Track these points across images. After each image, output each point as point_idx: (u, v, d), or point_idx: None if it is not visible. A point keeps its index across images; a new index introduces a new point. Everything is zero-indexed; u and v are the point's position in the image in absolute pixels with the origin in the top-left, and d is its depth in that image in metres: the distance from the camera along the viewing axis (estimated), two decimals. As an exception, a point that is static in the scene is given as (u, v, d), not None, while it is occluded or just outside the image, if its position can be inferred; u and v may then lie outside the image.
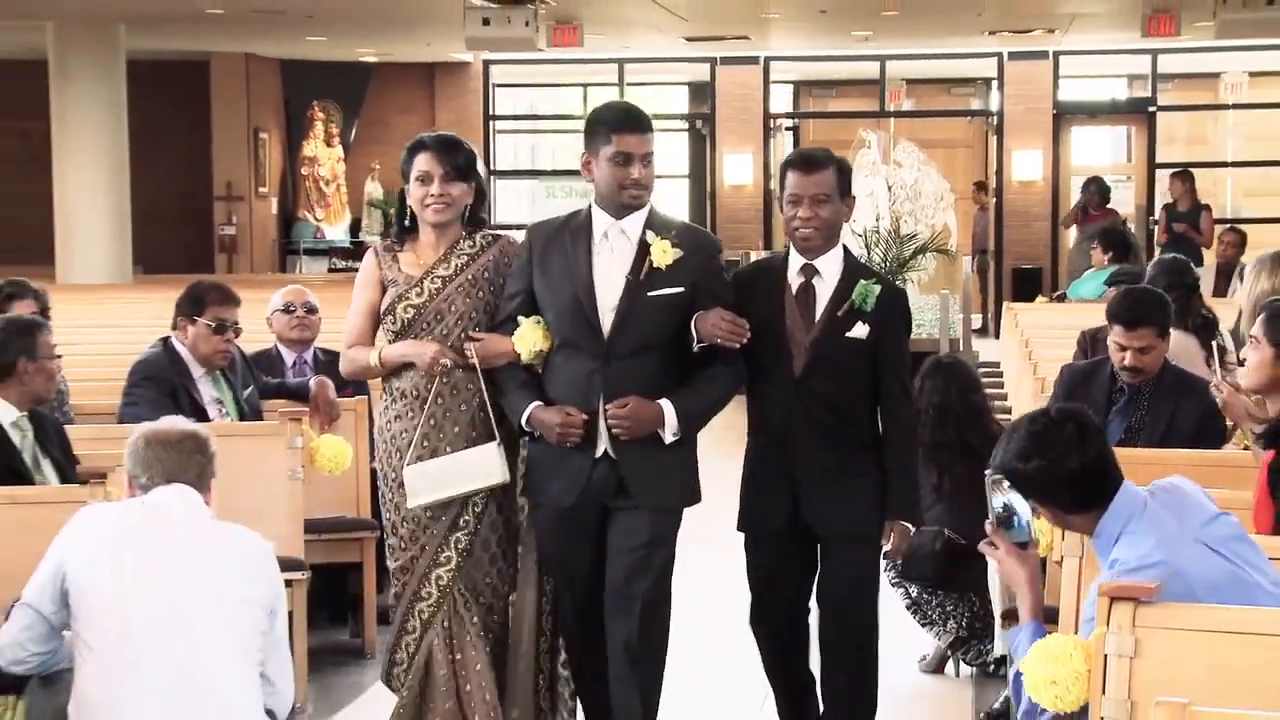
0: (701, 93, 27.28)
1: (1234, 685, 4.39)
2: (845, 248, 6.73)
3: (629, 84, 27.20)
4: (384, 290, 6.74)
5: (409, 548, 6.71)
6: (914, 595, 8.73)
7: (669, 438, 6.42)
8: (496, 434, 6.59)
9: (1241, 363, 6.56)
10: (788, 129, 26.54)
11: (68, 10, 20.36)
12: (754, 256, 22.36)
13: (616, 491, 6.46)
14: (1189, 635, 4.67)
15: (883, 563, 8.46)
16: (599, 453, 6.45)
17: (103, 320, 15.22)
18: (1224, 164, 26.26)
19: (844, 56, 26.00)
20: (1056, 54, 25.14)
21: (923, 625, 8.83)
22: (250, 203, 26.33)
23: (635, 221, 6.49)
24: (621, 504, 6.47)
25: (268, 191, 26.83)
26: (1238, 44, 21.64)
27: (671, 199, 27.50)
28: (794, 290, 6.63)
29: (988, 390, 10.67)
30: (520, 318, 6.49)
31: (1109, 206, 19.41)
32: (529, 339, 6.46)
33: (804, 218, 6.52)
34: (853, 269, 6.68)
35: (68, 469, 7.16)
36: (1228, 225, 20.28)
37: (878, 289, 6.53)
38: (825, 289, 6.60)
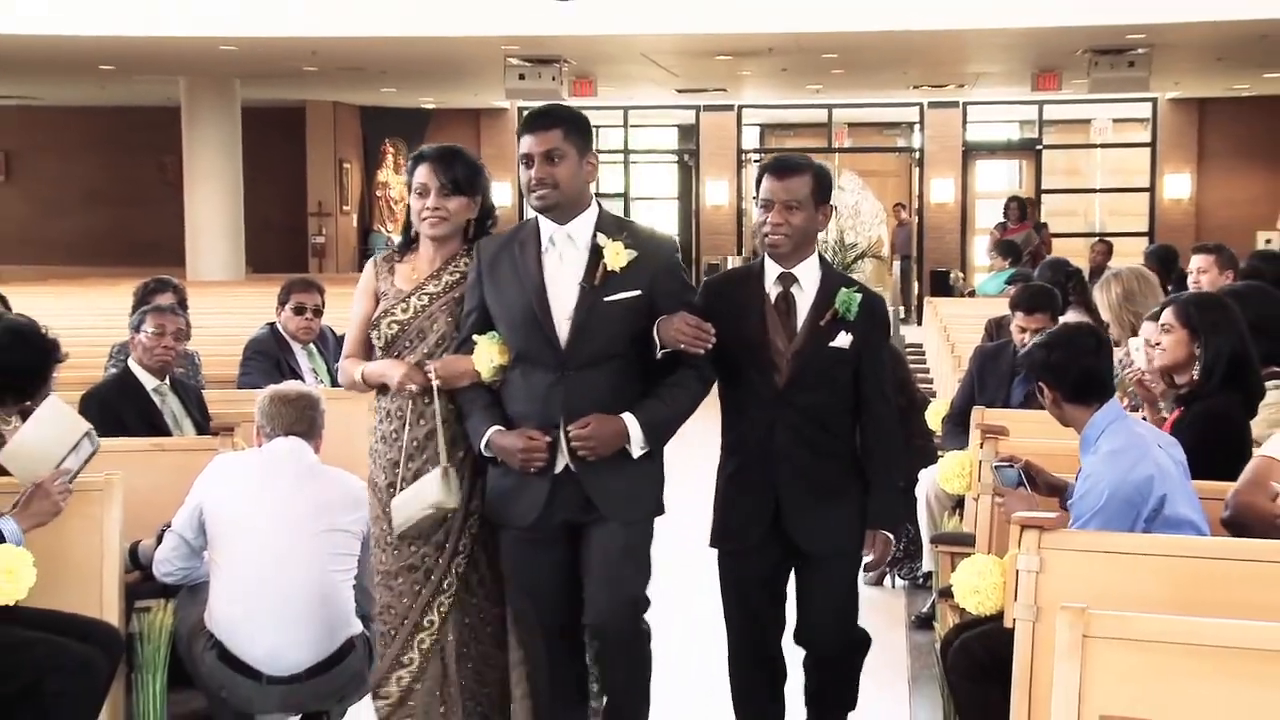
0: (688, 133, 27.25)
1: (1122, 597, 4.33)
2: (821, 256, 5.34)
3: (632, 125, 27.19)
4: (378, 302, 5.39)
5: (392, 606, 5.33)
6: (860, 525, 8.73)
7: (636, 452, 5.03)
8: (444, 459, 5.13)
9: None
10: (755, 161, 26.43)
11: (196, 69, 20.31)
12: (731, 260, 22.50)
13: (584, 508, 5.08)
14: (1084, 555, 4.68)
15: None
16: (559, 469, 5.03)
17: (223, 308, 15.19)
18: (1094, 190, 26.32)
19: (799, 105, 25.99)
20: (965, 104, 25.17)
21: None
22: (336, 218, 26.28)
23: (582, 225, 5.08)
24: (591, 517, 5.10)
25: (350, 209, 26.78)
26: (1105, 97, 21.66)
27: (664, 216, 27.46)
28: (772, 300, 5.23)
29: (911, 365, 10.84)
30: (476, 336, 5.12)
31: (1025, 220, 19.49)
32: (486, 355, 5.08)
33: (774, 223, 5.13)
34: (831, 277, 5.30)
35: (203, 424, 7.15)
36: (1098, 237, 20.25)
37: (859, 297, 5.19)
38: (805, 298, 5.21)
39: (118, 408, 6.88)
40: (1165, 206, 24.92)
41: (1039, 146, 25.70)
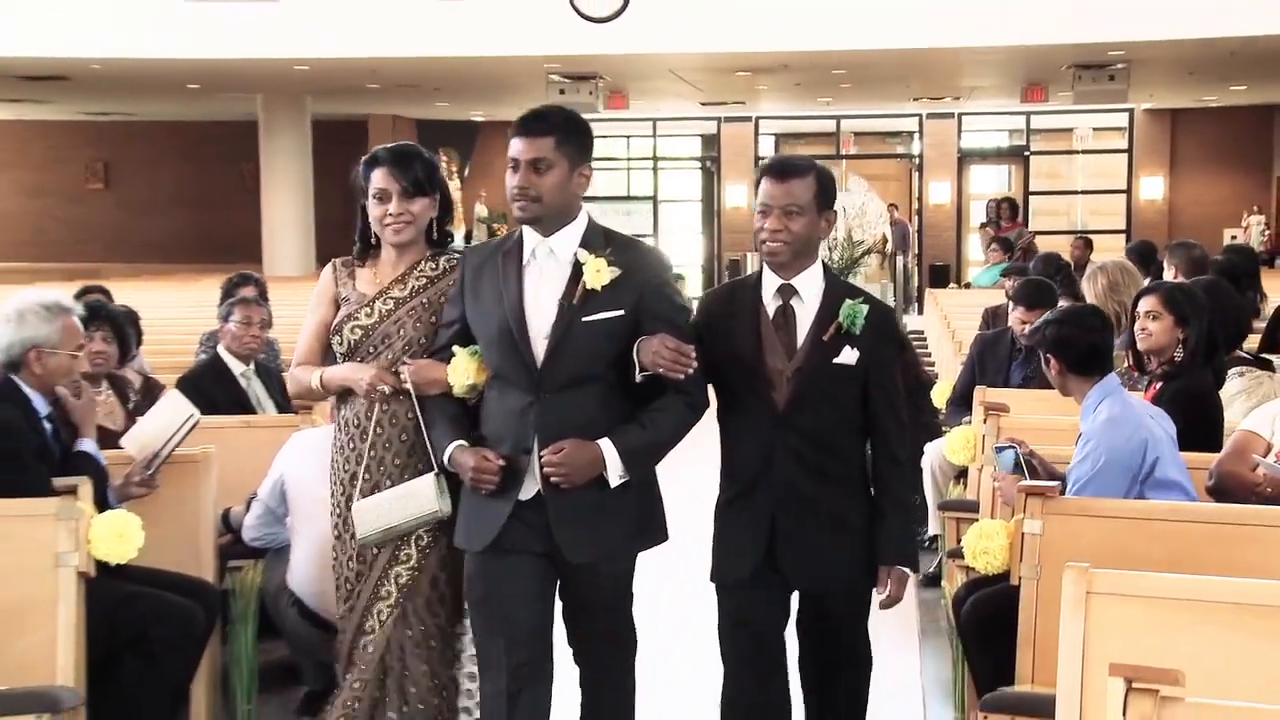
0: (710, 142, 27.19)
1: (1119, 557, 4.29)
2: (825, 265, 4.42)
3: (660, 135, 27.15)
4: (337, 308, 4.55)
5: (355, 584, 4.53)
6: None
7: (614, 480, 4.13)
8: (435, 464, 4.33)
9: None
10: (770, 167, 26.38)
11: (272, 87, 20.35)
12: (750, 257, 22.43)
13: (546, 538, 4.17)
14: (1082, 519, 4.67)
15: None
16: (528, 496, 4.16)
17: (297, 300, 15.16)
18: (1075, 192, 26.19)
19: (811, 116, 25.92)
20: (960, 114, 25.12)
21: (879, 513, 8.77)
22: (395, 219, 26.27)
23: (566, 238, 4.19)
24: (552, 551, 4.20)
25: (408, 212, 26.77)
26: (1087, 108, 21.56)
27: (688, 216, 27.44)
28: (771, 314, 4.34)
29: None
30: (456, 348, 4.27)
31: (1017, 219, 19.47)
32: (462, 371, 4.24)
33: (771, 229, 4.26)
34: (835, 288, 4.37)
35: (284, 404, 7.16)
36: (1078, 234, 20.13)
37: (865, 309, 4.27)
38: (806, 311, 4.32)
39: (209, 390, 6.90)
40: (1141, 206, 24.87)
41: (1027, 153, 25.67)
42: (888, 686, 6.31)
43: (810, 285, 4.35)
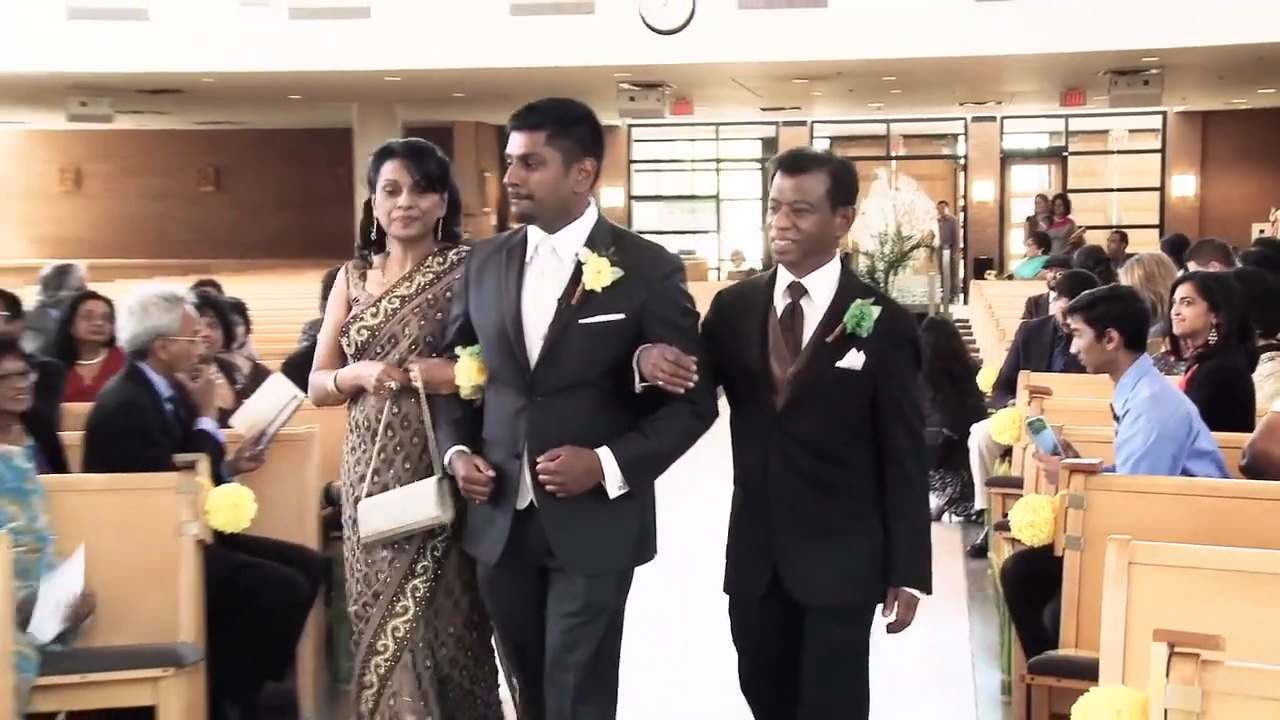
0: (769, 144, 27.05)
1: (1156, 530, 4.24)
2: (844, 263, 3.84)
3: (722, 138, 27.11)
4: (348, 308, 4.13)
5: (364, 593, 4.08)
6: (924, 470, 8.68)
7: (614, 491, 3.65)
8: (437, 469, 3.91)
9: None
10: (825, 168, 26.28)
11: (366, 97, 20.41)
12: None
13: (548, 550, 3.72)
14: (1122, 494, 4.62)
15: None
16: (523, 505, 3.70)
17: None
18: (1111, 189, 25.89)
19: (863, 120, 25.75)
20: (1002, 118, 24.89)
21: (930, 489, 8.75)
22: (477, 217, 26.30)
23: (570, 237, 3.69)
24: (554, 564, 3.74)
25: (488, 210, 26.81)
26: (1122, 111, 21.31)
27: (749, 215, 27.37)
28: (779, 313, 3.78)
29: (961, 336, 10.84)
30: (459, 349, 3.86)
31: (1069, 215, 19.30)
32: (466, 372, 3.84)
33: (779, 227, 3.70)
34: (849, 288, 3.76)
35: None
36: (1114, 229, 19.92)
37: (876, 310, 3.67)
38: (815, 312, 3.74)
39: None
40: (1173, 203, 24.58)
41: (1065, 153, 25.42)
42: (938, 650, 6.31)
43: (822, 284, 3.75)
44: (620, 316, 3.64)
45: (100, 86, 18.21)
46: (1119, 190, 25.76)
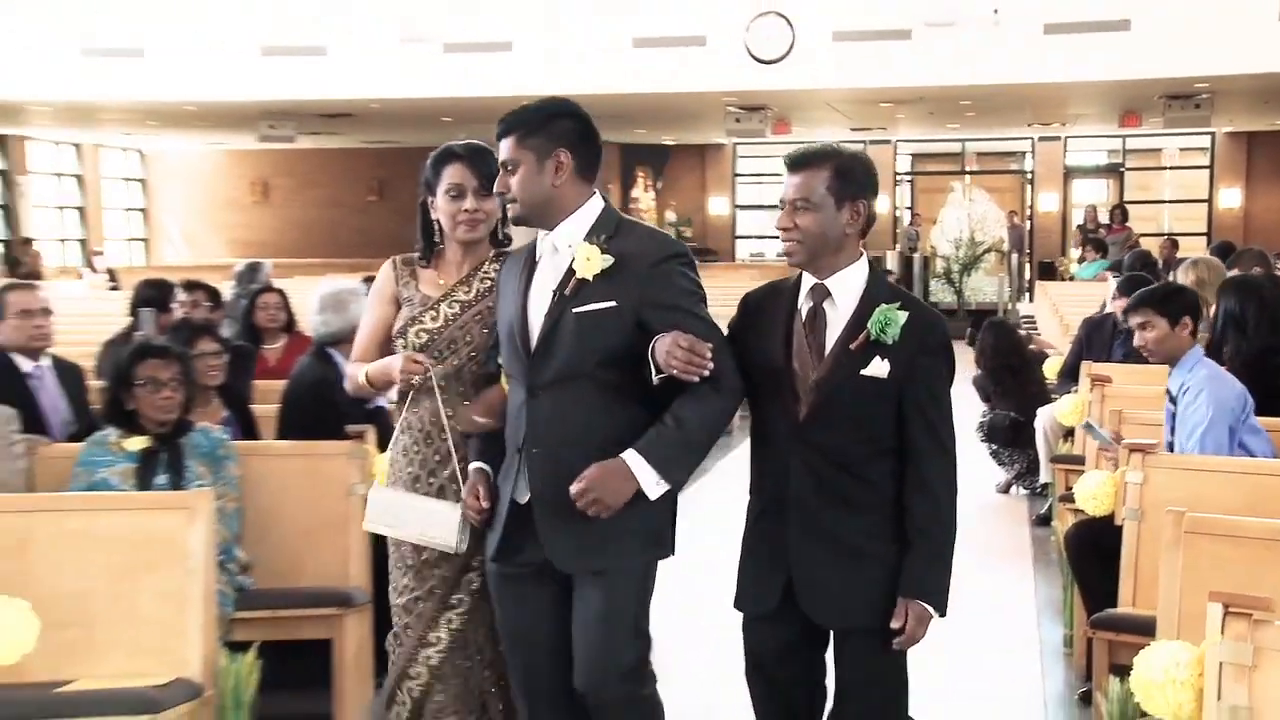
0: (858, 161, 26.84)
1: (1207, 503, 4.13)
2: (872, 264, 3.23)
3: (816, 157, 26.89)
4: (398, 307, 3.56)
5: (405, 595, 3.50)
6: (994, 449, 8.63)
7: (654, 492, 3.04)
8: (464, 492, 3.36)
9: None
10: (907, 181, 25.95)
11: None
12: (889, 255, 22.16)
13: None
14: (1176, 471, 4.52)
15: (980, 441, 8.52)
16: (522, 500, 3.18)
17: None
18: (1163, 201, 25.28)
19: (941, 139, 25.33)
20: (1066, 137, 24.41)
21: (999, 465, 8.67)
22: (604, 224, 26.41)
23: (567, 230, 3.19)
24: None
25: (614, 218, 26.88)
26: (1174, 131, 20.85)
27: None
28: (803, 316, 3.17)
29: (1026, 332, 10.80)
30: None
31: (1126, 223, 18.98)
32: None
33: (781, 227, 3.18)
34: (875, 291, 3.14)
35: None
36: (1165, 236, 19.46)
37: (902, 316, 3.05)
38: (838, 316, 3.13)
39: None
40: (1220, 213, 23.97)
41: (1122, 169, 24.86)
42: (1006, 607, 6.23)
43: (846, 287, 3.14)
44: (612, 304, 3.09)
45: (286, 112, 18.69)
46: (1170, 202, 25.16)
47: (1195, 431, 4.67)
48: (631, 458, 3.02)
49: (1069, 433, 7.35)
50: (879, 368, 3.04)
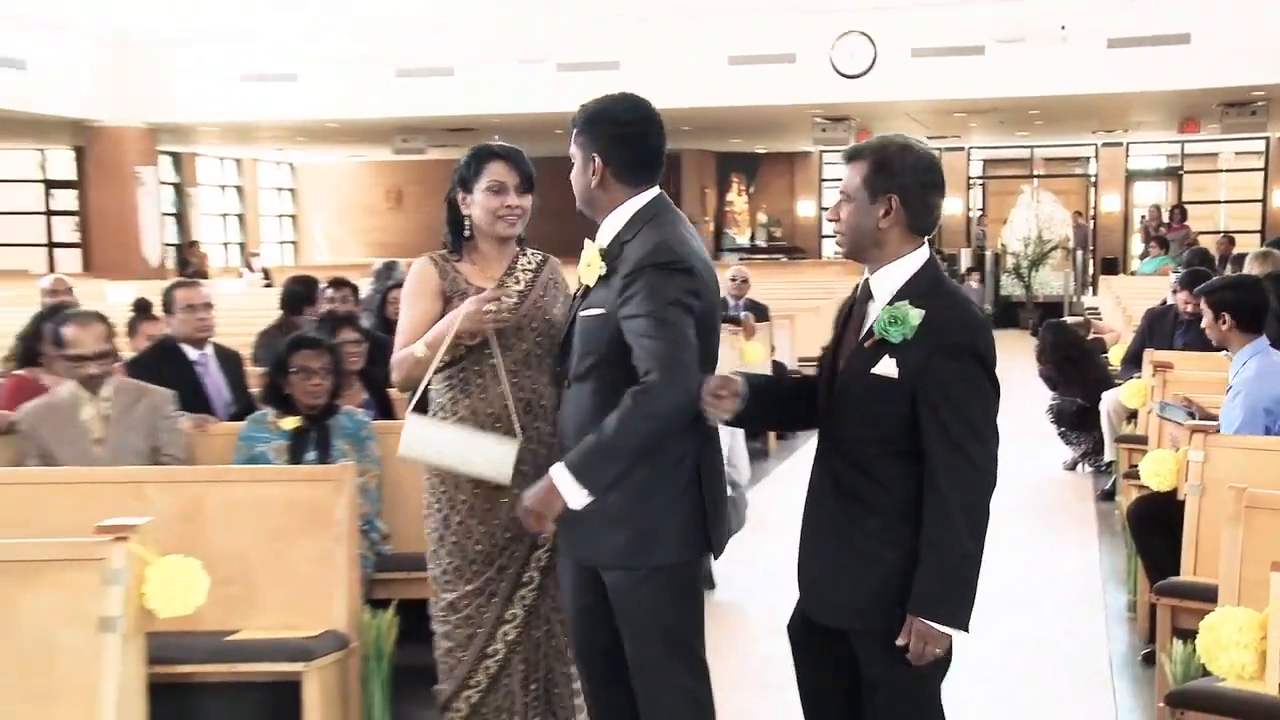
0: (933, 167, 26.45)
1: (1263, 480, 4.00)
2: (930, 259, 2.71)
3: (895, 163, 26.55)
4: (445, 300, 3.25)
5: (471, 582, 3.24)
6: (1062, 431, 8.50)
7: (576, 501, 2.70)
8: (519, 432, 3.16)
9: None
10: (979, 184, 25.51)
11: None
12: (964, 253, 21.84)
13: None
14: (1235, 450, 4.38)
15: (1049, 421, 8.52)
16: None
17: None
18: (1219, 201, 24.55)
19: (1011, 146, 24.86)
20: (1128, 143, 23.81)
21: (1066, 444, 8.53)
22: (699, 224, 26.31)
23: (604, 229, 2.93)
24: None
25: (708, 219, 26.75)
26: (1230, 137, 20.28)
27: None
28: (850, 310, 2.81)
29: (1087, 319, 10.63)
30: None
31: (1185, 222, 18.47)
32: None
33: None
34: (913, 287, 2.65)
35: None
36: (1222, 234, 18.90)
37: (915, 315, 2.60)
38: (873, 312, 2.70)
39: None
40: (1273, 212, 23.21)
41: (1181, 172, 24.17)
42: (1074, 575, 6.10)
43: (886, 283, 2.69)
44: (601, 311, 2.83)
45: (417, 128, 18.91)
46: (1226, 202, 24.44)
47: (1232, 426, 4.56)
48: (556, 469, 2.74)
49: (1132, 415, 7.19)
50: (887, 367, 2.61)
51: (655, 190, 2.93)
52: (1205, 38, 14.69)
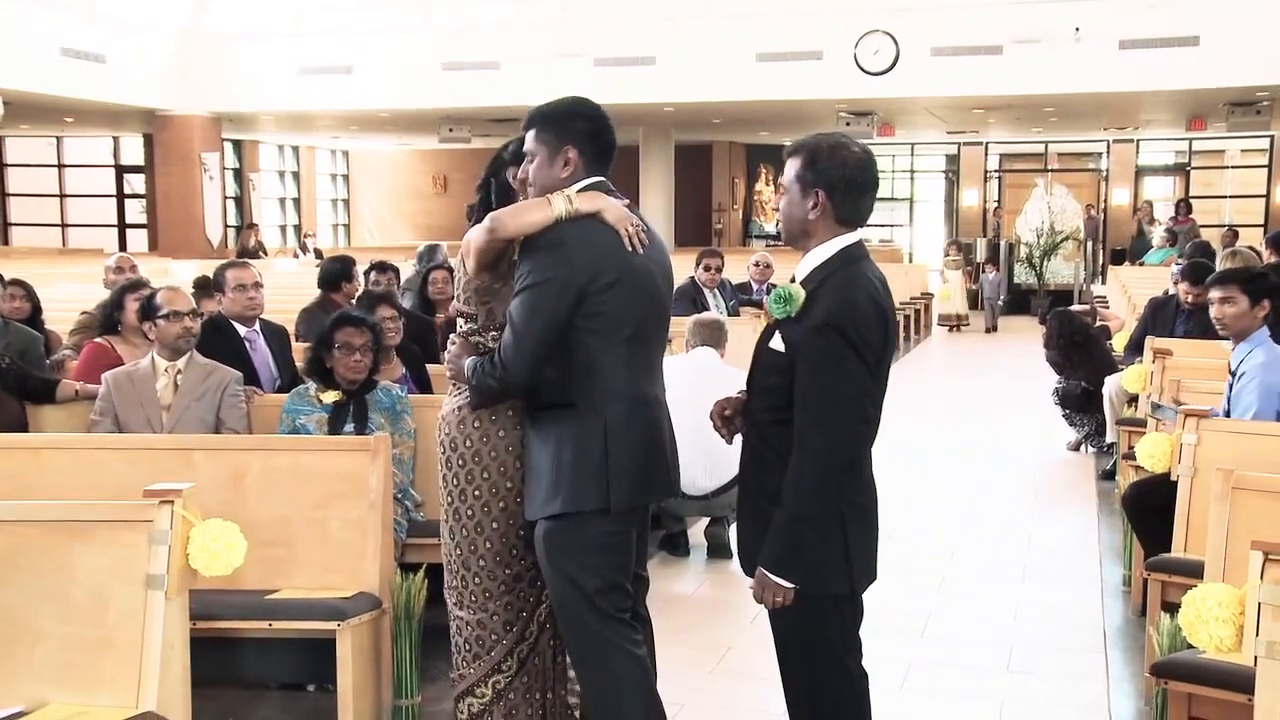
0: (952, 159, 26.14)
1: (1254, 463, 3.95)
2: (845, 248, 2.65)
3: (916, 154, 26.30)
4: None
5: (497, 579, 3.03)
6: (1066, 413, 8.41)
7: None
8: None
9: None
10: (996, 177, 25.26)
11: (650, 123, 20.49)
12: (979, 241, 21.63)
13: None
14: (1227, 434, 4.32)
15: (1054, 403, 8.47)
16: None
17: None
18: (1224, 196, 24.20)
19: (1026, 141, 24.62)
20: (1138, 140, 23.52)
21: (1070, 426, 8.44)
22: (728, 212, 26.26)
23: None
24: None
25: (737, 207, 26.70)
26: (1235, 135, 19.98)
27: (934, 213, 26.51)
28: None
29: (1093, 305, 10.50)
30: None
31: (1190, 215, 18.19)
32: None
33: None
34: (820, 271, 2.64)
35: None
36: (1227, 227, 18.67)
37: (799, 294, 2.61)
38: None
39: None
40: (1276, 206, 22.88)
41: (1188, 168, 23.85)
42: (1074, 549, 6.05)
43: (804, 267, 2.69)
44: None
45: (462, 118, 18.92)
46: (1231, 197, 24.10)
47: (1246, 413, 4.50)
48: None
49: (1133, 399, 7.12)
50: (776, 342, 2.65)
51: None
52: (1214, 40, 14.50)
